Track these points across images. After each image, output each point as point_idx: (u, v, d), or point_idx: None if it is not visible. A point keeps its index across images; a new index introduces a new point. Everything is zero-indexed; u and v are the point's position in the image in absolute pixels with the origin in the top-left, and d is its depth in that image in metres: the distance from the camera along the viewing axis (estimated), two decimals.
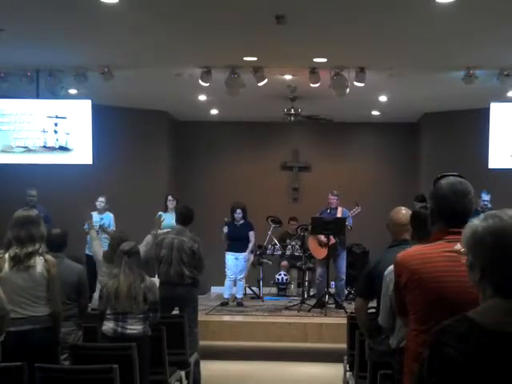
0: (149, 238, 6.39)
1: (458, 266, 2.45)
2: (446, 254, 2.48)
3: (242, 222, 9.72)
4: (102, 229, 9.11)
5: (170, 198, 9.64)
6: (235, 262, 9.71)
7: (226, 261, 9.74)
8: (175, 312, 6.64)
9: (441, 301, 2.42)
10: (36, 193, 9.44)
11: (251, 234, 9.74)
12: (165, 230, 8.90)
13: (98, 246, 6.41)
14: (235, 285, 9.85)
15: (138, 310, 4.83)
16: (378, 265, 3.94)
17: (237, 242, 9.66)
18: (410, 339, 2.55)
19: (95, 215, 9.53)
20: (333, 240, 9.19)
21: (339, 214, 9.39)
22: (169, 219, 9.24)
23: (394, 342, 3.55)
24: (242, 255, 9.72)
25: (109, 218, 9.70)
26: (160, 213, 9.50)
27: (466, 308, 2.37)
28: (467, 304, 2.38)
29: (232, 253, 9.71)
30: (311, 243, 9.59)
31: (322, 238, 9.31)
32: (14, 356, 3.89)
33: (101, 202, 9.66)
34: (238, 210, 9.68)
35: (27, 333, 4.04)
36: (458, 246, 2.48)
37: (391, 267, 2.86)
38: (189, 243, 6.57)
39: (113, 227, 9.65)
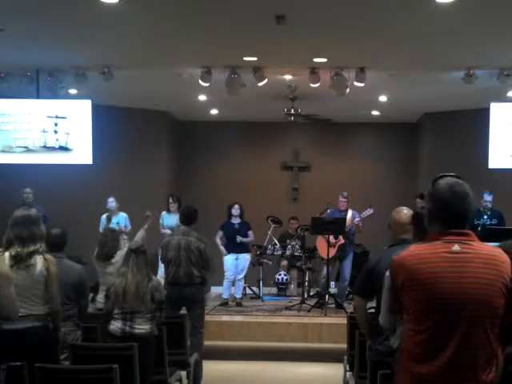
0: (141, 232, 6.61)
1: (456, 266, 2.45)
2: (443, 254, 2.47)
3: (238, 221, 9.71)
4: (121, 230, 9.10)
5: (170, 200, 9.60)
6: (235, 263, 9.70)
7: (225, 261, 9.71)
8: (182, 312, 6.59)
9: (438, 301, 2.42)
10: (31, 190, 9.40)
11: (250, 233, 9.74)
12: (167, 231, 8.97)
13: None
14: (234, 285, 9.85)
15: (145, 309, 4.82)
16: (377, 264, 3.92)
17: (236, 243, 9.65)
18: (406, 339, 2.55)
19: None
20: (342, 240, 9.18)
21: (349, 216, 9.33)
22: (171, 220, 9.30)
23: (396, 343, 3.54)
24: (242, 255, 9.71)
25: (124, 219, 9.71)
26: (163, 213, 9.55)
27: (463, 309, 2.38)
28: (464, 305, 2.39)
29: (232, 253, 9.69)
30: (320, 242, 9.53)
31: (332, 238, 9.25)
32: (12, 354, 3.88)
33: (111, 202, 9.64)
34: (237, 206, 9.68)
35: (26, 331, 4.03)
36: (456, 247, 2.48)
37: None
38: (195, 243, 6.56)
39: (129, 227, 9.66)
